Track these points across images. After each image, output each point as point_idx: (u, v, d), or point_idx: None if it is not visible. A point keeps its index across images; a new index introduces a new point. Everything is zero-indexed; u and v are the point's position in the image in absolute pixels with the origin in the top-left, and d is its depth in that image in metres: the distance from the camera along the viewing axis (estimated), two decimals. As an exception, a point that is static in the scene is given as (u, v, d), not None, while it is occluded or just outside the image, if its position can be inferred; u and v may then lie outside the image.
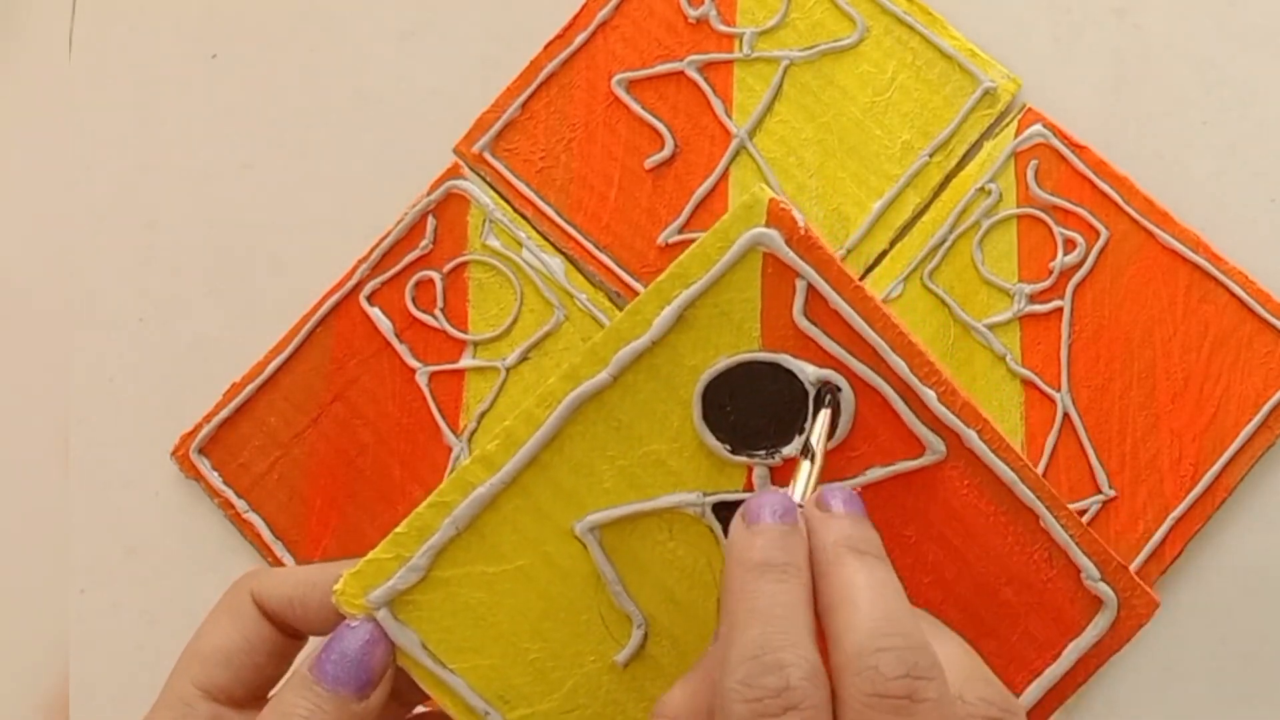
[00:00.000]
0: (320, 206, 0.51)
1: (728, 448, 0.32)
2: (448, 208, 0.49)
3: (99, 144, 0.52)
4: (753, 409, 0.32)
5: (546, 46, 0.49)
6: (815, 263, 0.32)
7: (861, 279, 0.41)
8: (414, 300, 0.48)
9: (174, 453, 0.48)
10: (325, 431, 0.48)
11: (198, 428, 0.48)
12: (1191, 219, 0.46)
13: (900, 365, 0.32)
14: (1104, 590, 0.32)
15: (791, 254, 0.32)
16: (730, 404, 0.32)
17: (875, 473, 0.32)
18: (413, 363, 0.48)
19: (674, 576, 0.32)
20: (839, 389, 0.32)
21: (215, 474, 0.48)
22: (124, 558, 0.49)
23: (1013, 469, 0.32)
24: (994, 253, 0.47)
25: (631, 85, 0.49)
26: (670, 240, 0.48)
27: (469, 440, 0.47)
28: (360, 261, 0.49)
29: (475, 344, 0.48)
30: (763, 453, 0.32)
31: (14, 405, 0.51)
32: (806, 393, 0.32)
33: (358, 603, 0.31)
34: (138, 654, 0.48)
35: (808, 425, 0.32)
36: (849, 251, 0.47)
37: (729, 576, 0.27)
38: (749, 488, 0.32)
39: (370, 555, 0.32)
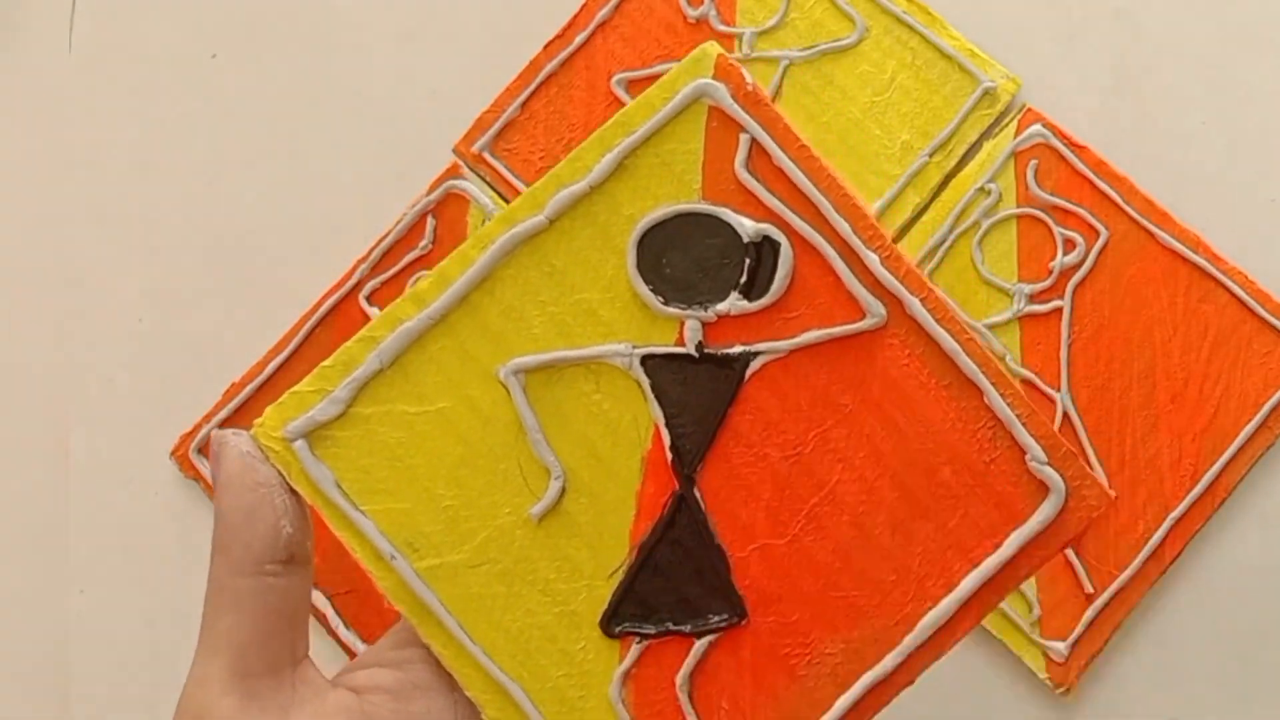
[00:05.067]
0: (320, 206, 0.51)
1: (661, 299, 0.31)
2: (447, 208, 0.49)
3: (99, 144, 0.52)
4: (688, 261, 0.31)
5: (546, 46, 0.49)
6: (761, 118, 0.31)
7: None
8: (413, 300, 0.48)
9: (174, 453, 0.49)
10: (325, 431, 0.48)
11: (197, 428, 0.48)
12: (1191, 219, 0.46)
13: (843, 225, 0.31)
14: (1050, 475, 0.30)
15: (737, 107, 0.31)
16: (666, 255, 0.31)
17: (812, 335, 0.31)
18: (412, 363, 0.48)
19: (597, 430, 0.31)
20: (778, 244, 0.31)
21: (215, 474, 0.48)
22: (124, 558, 0.49)
23: (956, 340, 0.30)
24: (993, 253, 0.47)
25: (631, 85, 0.49)
26: (670, 240, 0.48)
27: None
28: (360, 261, 0.49)
29: (475, 344, 0.48)
30: (696, 306, 0.31)
31: (14, 405, 0.51)
32: (744, 247, 0.31)
33: (275, 435, 0.30)
34: (138, 654, 0.48)
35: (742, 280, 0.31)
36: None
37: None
38: (680, 342, 0.31)
39: (294, 389, 0.31)
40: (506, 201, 0.49)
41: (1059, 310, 0.46)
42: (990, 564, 0.30)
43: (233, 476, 0.30)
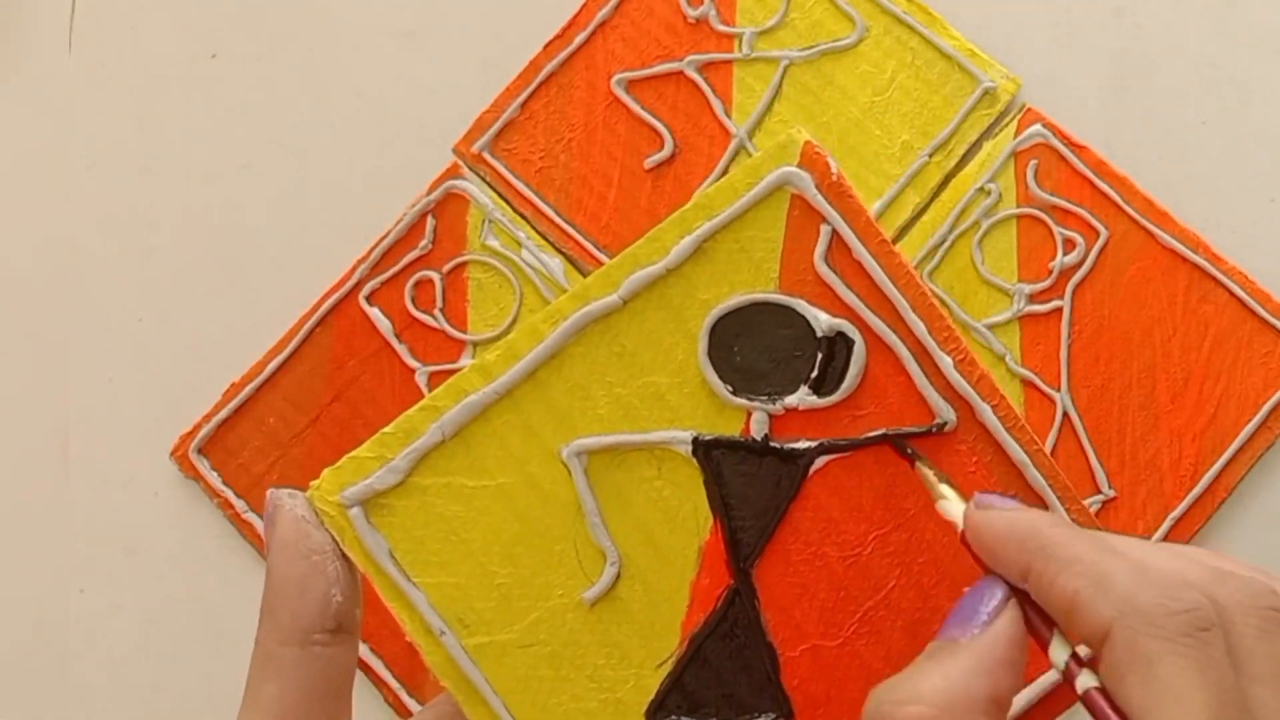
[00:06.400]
0: (320, 206, 0.51)
1: (729, 388, 0.31)
2: (447, 208, 0.49)
3: (99, 144, 0.52)
4: (760, 352, 0.31)
5: (546, 46, 0.49)
6: (844, 210, 0.31)
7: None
8: (413, 300, 0.48)
9: (173, 453, 0.48)
10: (324, 432, 0.48)
11: (197, 428, 0.48)
12: (1191, 219, 0.46)
13: (919, 326, 0.30)
14: None
15: (820, 198, 0.31)
16: (738, 344, 0.31)
17: (879, 435, 0.31)
18: (412, 363, 0.48)
19: (656, 517, 0.31)
20: (851, 340, 0.31)
21: (214, 474, 0.48)
22: (124, 558, 0.49)
23: (1025, 451, 0.31)
24: (993, 253, 0.47)
25: (631, 85, 0.49)
26: (670, 240, 0.48)
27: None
28: (360, 261, 0.49)
29: (474, 344, 0.48)
30: (764, 397, 0.31)
31: (14, 405, 0.51)
32: (817, 341, 0.31)
33: (332, 499, 0.30)
34: (138, 654, 0.48)
35: (813, 374, 0.30)
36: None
37: (1032, 538, 0.26)
38: (745, 433, 0.31)
39: (353, 453, 0.31)
40: (506, 201, 0.49)
41: (1059, 310, 0.46)
42: (1043, 683, 0.30)
43: (286, 542, 0.29)
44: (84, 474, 0.50)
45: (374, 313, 0.48)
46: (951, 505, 0.29)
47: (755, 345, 0.31)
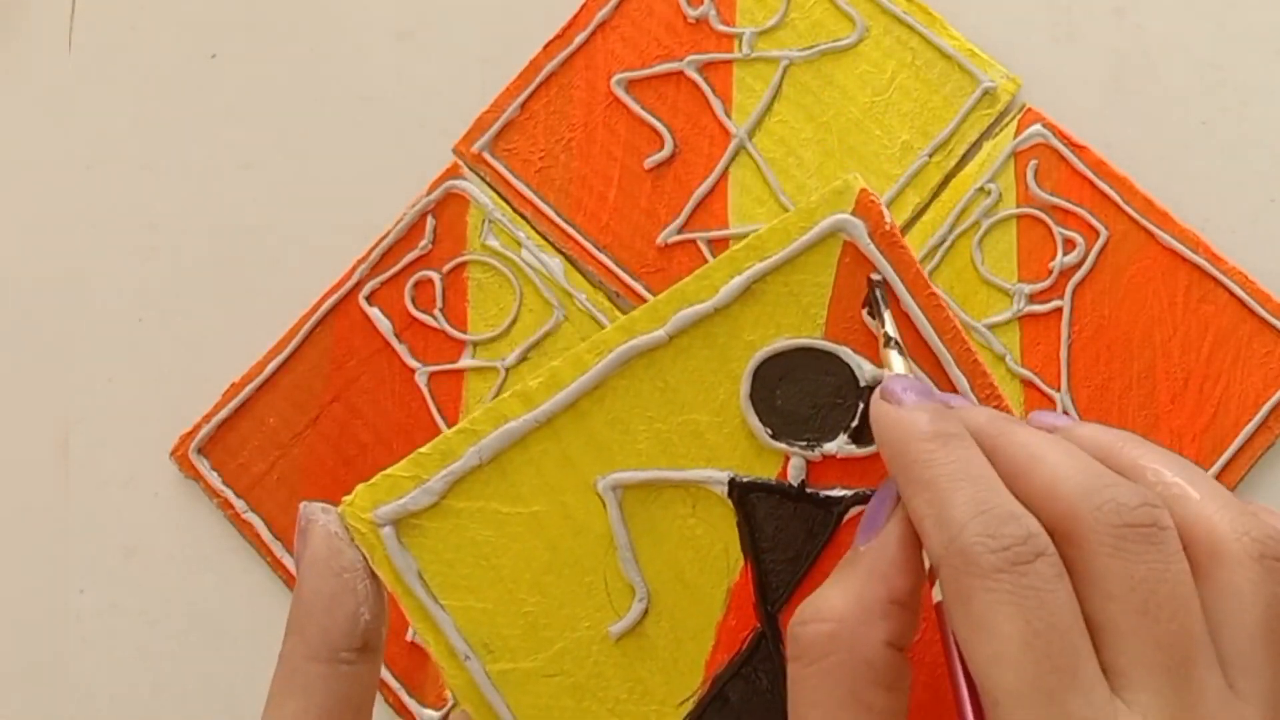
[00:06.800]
0: (320, 206, 0.51)
1: (769, 431, 0.31)
2: (447, 208, 0.49)
3: (99, 144, 0.52)
4: (801, 397, 0.31)
5: (546, 46, 0.49)
6: (895, 261, 0.31)
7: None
8: (413, 300, 0.48)
9: (173, 453, 0.48)
10: (324, 431, 0.48)
11: (197, 428, 0.48)
12: (1191, 219, 0.46)
13: (961, 381, 0.31)
14: None
15: (872, 246, 0.31)
16: (780, 387, 0.31)
17: None
18: (412, 363, 0.48)
19: (687, 555, 0.31)
20: None
21: (214, 474, 0.48)
22: (123, 558, 0.49)
23: None
24: (993, 253, 0.47)
25: (631, 85, 0.49)
26: (669, 240, 0.48)
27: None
28: (359, 261, 0.49)
29: (474, 344, 0.48)
30: (803, 443, 0.31)
31: (14, 405, 0.51)
32: (860, 390, 0.31)
33: (365, 516, 0.30)
34: (137, 654, 0.48)
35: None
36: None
37: (902, 450, 0.27)
38: (782, 477, 0.31)
39: (388, 470, 0.31)
40: (506, 201, 0.49)
41: (1059, 310, 0.46)
42: None
43: (318, 558, 0.30)
44: (84, 474, 0.50)
45: (374, 313, 0.48)
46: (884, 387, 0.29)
47: (797, 390, 0.31)
